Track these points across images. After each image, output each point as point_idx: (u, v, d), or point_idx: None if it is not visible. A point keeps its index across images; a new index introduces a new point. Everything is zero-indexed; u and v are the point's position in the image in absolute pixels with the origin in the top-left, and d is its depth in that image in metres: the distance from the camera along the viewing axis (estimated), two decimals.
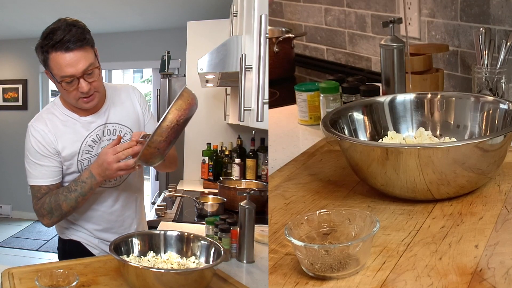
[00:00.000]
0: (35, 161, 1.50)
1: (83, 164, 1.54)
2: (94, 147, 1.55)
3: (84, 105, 1.47)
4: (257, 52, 1.10)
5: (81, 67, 1.39)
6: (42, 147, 1.49)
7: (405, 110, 1.44)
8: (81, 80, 1.40)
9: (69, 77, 1.39)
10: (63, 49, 1.37)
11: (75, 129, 1.53)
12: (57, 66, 1.40)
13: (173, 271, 1.26)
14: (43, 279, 1.21)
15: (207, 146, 3.29)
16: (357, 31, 2.47)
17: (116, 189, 1.64)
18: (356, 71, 2.35)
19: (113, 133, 1.58)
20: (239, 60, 1.33)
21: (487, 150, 1.14)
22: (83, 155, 1.53)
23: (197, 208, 2.36)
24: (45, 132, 1.49)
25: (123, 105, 1.62)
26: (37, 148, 1.49)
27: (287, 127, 1.88)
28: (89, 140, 1.54)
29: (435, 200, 1.18)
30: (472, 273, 0.91)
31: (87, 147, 1.53)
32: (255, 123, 1.24)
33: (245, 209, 1.59)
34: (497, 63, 1.65)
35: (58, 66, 1.39)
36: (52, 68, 1.41)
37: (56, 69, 1.40)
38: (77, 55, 1.38)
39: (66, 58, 1.38)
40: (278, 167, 1.47)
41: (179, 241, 1.40)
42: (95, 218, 1.62)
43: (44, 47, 1.41)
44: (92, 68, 1.42)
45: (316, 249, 0.94)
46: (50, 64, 1.41)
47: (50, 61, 1.41)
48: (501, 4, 1.73)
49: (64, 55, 1.38)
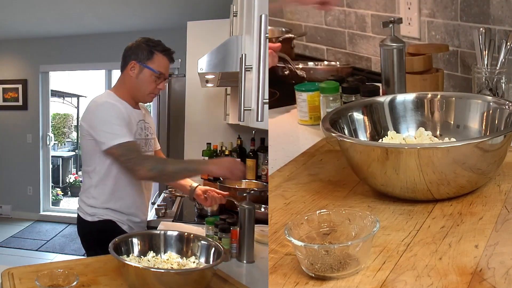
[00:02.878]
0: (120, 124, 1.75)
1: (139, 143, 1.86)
2: (141, 133, 1.90)
3: (149, 99, 1.92)
4: (257, 52, 1.10)
5: (167, 73, 1.92)
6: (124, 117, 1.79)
7: (405, 110, 1.44)
8: (165, 81, 1.90)
9: (163, 75, 1.88)
10: (168, 56, 1.89)
11: (132, 114, 1.87)
12: (159, 64, 1.87)
13: (173, 271, 1.26)
14: (43, 279, 1.21)
15: (207, 146, 3.28)
16: (357, 31, 2.47)
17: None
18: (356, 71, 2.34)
19: (147, 130, 1.95)
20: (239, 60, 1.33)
21: (487, 150, 1.14)
22: (137, 135, 1.86)
23: (197, 208, 2.36)
24: (122, 108, 1.81)
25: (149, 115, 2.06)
26: (121, 116, 1.77)
27: (287, 127, 1.88)
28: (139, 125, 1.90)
29: (435, 200, 1.18)
30: (472, 273, 0.91)
31: (139, 130, 1.89)
32: (255, 123, 1.24)
33: (245, 209, 1.59)
34: (497, 63, 1.65)
35: (160, 64, 1.87)
36: (154, 62, 1.86)
37: (158, 65, 1.86)
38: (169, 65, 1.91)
39: (166, 63, 1.90)
40: (278, 167, 1.47)
41: (179, 241, 1.40)
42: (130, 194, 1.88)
43: (153, 47, 1.86)
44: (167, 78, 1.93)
45: (316, 249, 0.94)
46: (154, 59, 1.86)
47: (155, 58, 1.86)
48: (501, 4, 1.73)
49: (167, 61, 1.90)
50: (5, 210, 5.93)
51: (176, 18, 4.39)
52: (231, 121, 3.10)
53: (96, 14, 4.50)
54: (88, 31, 5.17)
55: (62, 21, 4.76)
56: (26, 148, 5.83)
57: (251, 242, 1.61)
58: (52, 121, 6.45)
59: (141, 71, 1.86)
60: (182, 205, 2.59)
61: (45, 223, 5.67)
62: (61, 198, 6.74)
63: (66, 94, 8.18)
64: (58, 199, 6.62)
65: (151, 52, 1.86)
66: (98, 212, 1.85)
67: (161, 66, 1.87)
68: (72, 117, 8.45)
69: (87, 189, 1.88)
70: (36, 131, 5.80)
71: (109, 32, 5.19)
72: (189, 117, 3.53)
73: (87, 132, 1.80)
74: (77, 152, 8.12)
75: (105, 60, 5.45)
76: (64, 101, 8.26)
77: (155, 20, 4.69)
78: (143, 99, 1.93)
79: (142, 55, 1.86)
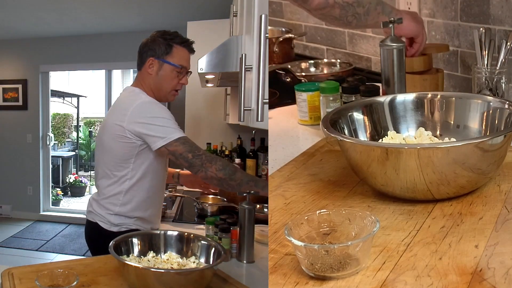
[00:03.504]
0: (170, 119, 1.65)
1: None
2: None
3: (171, 97, 1.80)
4: (257, 52, 1.10)
5: (189, 67, 1.80)
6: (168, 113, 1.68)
7: (405, 110, 1.44)
8: (187, 75, 1.79)
9: (185, 68, 1.77)
10: (188, 48, 1.78)
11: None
12: (179, 57, 1.76)
13: (173, 271, 1.26)
14: (43, 279, 1.21)
15: (207, 146, 3.29)
16: (357, 31, 2.47)
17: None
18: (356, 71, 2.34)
19: None
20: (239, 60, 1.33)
21: (487, 150, 1.14)
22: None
23: (197, 208, 2.36)
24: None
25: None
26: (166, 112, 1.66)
27: (287, 127, 1.88)
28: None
29: (435, 200, 1.18)
30: (472, 273, 0.91)
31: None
32: (255, 123, 1.24)
33: (245, 209, 1.59)
34: (497, 63, 1.65)
35: (180, 57, 1.76)
36: (174, 56, 1.75)
37: (178, 58, 1.75)
38: (190, 57, 1.80)
39: (187, 55, 1.78)
40: (278, 167, 1.47)
41: (179, 241, 1.40)
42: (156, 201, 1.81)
43: (171, 40, 1.75)
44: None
45: (316, 249, 0.94)
46: (173, 53, 1.75)
47: (174, 51, 1.75)
48: (501, 4, 1.73)
49: (187, 53, 1.78)
50: (5, 210, 5.93)
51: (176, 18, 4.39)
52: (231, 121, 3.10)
53: (96, 14, 4.50)
54: (88, 31, 5.17)
55: (62, 21, 4.76)
56: (26, 148, 5.83)
57: (251, 242, 1.61)
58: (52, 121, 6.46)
59: (160, 67, 1.74)
60: (182, 205, 2.59)
61: (45, 223, 5.67)
62: (61, 198, 6.75)
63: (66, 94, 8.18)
64: (58, 199, 6.62)
65: (169, 45, 1.74)
66: (126, 222, 1.72)
67: (182, 59, 1.76)
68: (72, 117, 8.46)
69: (114, 196, 1.72)
70: (36, 131, 5.80)
71: (109, 32, 5.19)
72: (189, 117, 3.53)
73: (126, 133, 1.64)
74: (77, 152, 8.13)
75: (105, 60, 5.45)
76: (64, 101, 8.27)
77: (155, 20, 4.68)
78: (166, 98, 1.79)
79: (160, 50, 1.74)
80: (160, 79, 1.75)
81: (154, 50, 1.73)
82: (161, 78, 1.75)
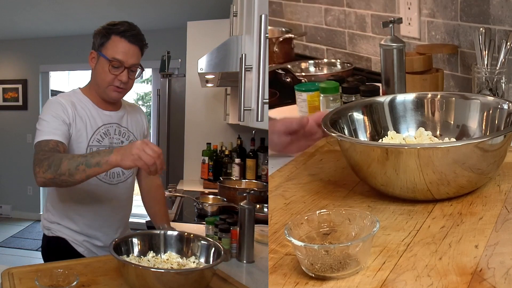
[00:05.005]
0: (48, 120, 1.52)
1: (92, 150, 1.57)
2: (104, 139, 1.62)
3: (111, 93, 1.59)
4: (257, 52, 1.10)
5: (132, 61, 1.56)
6: (60, 114, 1.53)
7: (405, 110, 1.44)
8: (126, 70, 1.55)
9: (120, 62, 1.54)
10: (127, 38, 1.54)
11: (92, 115, 1.61)
12: (114, 48, 1.54)
13: (173, 271, 1.26)
14: (43, 279, 1.21)
15: (207, 146, 3.29)
16: (357, 31, 2.47)
17: (116, 187, 1.66)
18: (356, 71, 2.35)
19: (122, 135, 1.68)
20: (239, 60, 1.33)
21: (487, 150, 1.14)
22: (94, 142, 1.59)
23: (197, 208, 2.36)
24: (67, 107, 1.55)
25: (136, 117, 1.76)
26: (55, 113, 1.53)
27: None
28: (102, 130, 1.62)
29: (435, 200, 1.18)
30: (472, 273, 0.91)
31: (99, 136, 1.61)
32: (255, 123, 1.24)
33: (245, 209, 1.59)
34: (497, 63, 1.66)
35: (115, 49, 1.54)
36: (108, 48, 1.54)
37: (112, 50, 1.54)
38: (134, 50, 1.56)
39: (125, 47, 1.54)
40: (278, 167, 1.47)
41: (179, 241, 1.40)
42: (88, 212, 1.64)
43: (109, 31, 1.55)
44: (136, 68, 1.59)
45: (316, 249, 0.94)
46: (107, 45, 1.54)
47: (109, 43, 1.54)
48: (501, 4, 1.73)
49: (125, 43, 1.54)
50: (5, 210, 5.93)
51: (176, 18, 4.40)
52: (231, 121, 3.10)
53: (96, 14, 4.50)
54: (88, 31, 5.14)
55: (62, 21, 4.76)
56: (26, 148, 5.82)
57: (251, 242, 1.61)
58: None
59: (98, 60, 1.58)
60: (182, 205, 2.59)
61: None
62: None
63: None
64: None
65: (105, 36, 1.55)
66: (52, 227, 1.66)
67: (117, 51, 1.53)
68: None
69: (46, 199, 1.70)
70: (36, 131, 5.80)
71: None
72: (189, 117, 3.53)
73: None
74: None
75: None
76: None
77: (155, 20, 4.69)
78: (104, 94, 1.60)
79: (97, 42, 1.57)
80: (95, 73, 1.60)
81: (94, 42, 1.60)
82: (96, 72, 1.59)
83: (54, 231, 1.65)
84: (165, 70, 3.81)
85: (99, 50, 1.56)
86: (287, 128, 1.53)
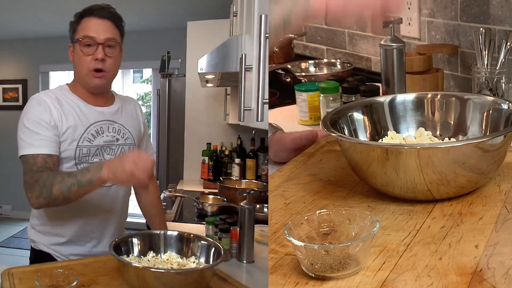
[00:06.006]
0: (32, 129, 1.42)
1: (81, 152, 1.48)
2: (96, 138, 1.51)
3: (93, 79, 1.47)
4: (257, 52, 1.10)
5: (105, 35, 1.45)
6: (44, 118, 1.43)
7: (405, 110, 1.44)
8: (100, 46, 1.44)
9: (90, 38, 1.44)
10: (96, 15, 1.45)
11: (82, 113, 1.50)
12: (83, 28, 1.45)
13: (173, 271, 1.26)
14: (43, 279, 1.21)
15: (207, 146, 3.29)
16: (357, 31, 2.47)
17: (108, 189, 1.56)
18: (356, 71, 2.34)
19: (117, 132, 1.57)
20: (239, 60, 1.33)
21: (487, 150, 1.14)
22: (84, 142, 1.48)
23: (197, 208, 2.36)
24: (51, 107, 1.45)
25: (131, 112, 1.66)
26: (38, 118, 1.43)
27: (287, 127, 1.88)
28: (93, 129, 1.50)
29: (435, 200, 1.18)
30: (472, 273, 0.91)
31: (90, 135, 1.49)
32: (255, 123, 1.24)
33: (245, 209, 1.59)
34: (497, 63, 1.66)
35: (85, 28, 1.45)
36: (78, 32, 1.46)
37: (82, 31, 1.45)
38: (106, 24, 1.46)
39: (95, 23, 1.45)
40: (278, 167, 1.47)
41: (179, 241, 1.40)
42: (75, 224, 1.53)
43: (78, 16, 1.47)
44: (115, 42, 1.48)
45: (316, 249, 0.94)
46: (79, 29, 1.46)
47: (80, 26, 1.46)
48: (501, 4, 1.73)
49: (95, 20, 1.45)
50: (5, 210, 5.93)
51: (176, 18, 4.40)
52: (231, 121, 3.10)
53: None
54: None
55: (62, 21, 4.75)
56: None
57: (251, 242, 1.61)
58: None
59: (74, 50, 1.48)
60: (182, 205, 2.59)
61: None
62: None
63: None
64: None
65: (76, 22, 1.47)
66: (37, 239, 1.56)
67: (87, 28, 1.44)
68: None
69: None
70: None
71: None
72: (189, 117, 3.54)
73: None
74: None
75: None
76: None
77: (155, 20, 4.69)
78: (86, 84, 1.49)
79: (70, 32, 1.50)
80: (74, 63, 1.50)
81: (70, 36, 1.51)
82: (75, 61, 1.49)
83: (39, 245, 1.55)
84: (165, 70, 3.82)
85: (73, 38, 1.48)
86: (296, 144, 1.55)
